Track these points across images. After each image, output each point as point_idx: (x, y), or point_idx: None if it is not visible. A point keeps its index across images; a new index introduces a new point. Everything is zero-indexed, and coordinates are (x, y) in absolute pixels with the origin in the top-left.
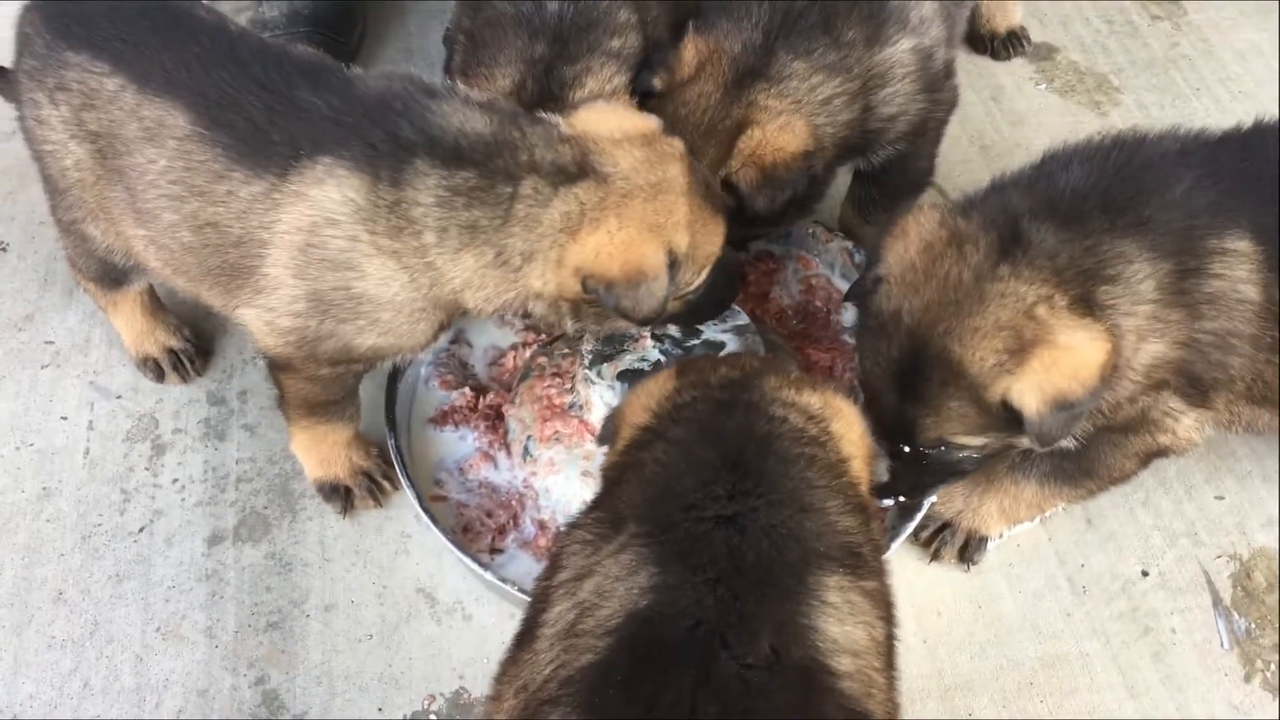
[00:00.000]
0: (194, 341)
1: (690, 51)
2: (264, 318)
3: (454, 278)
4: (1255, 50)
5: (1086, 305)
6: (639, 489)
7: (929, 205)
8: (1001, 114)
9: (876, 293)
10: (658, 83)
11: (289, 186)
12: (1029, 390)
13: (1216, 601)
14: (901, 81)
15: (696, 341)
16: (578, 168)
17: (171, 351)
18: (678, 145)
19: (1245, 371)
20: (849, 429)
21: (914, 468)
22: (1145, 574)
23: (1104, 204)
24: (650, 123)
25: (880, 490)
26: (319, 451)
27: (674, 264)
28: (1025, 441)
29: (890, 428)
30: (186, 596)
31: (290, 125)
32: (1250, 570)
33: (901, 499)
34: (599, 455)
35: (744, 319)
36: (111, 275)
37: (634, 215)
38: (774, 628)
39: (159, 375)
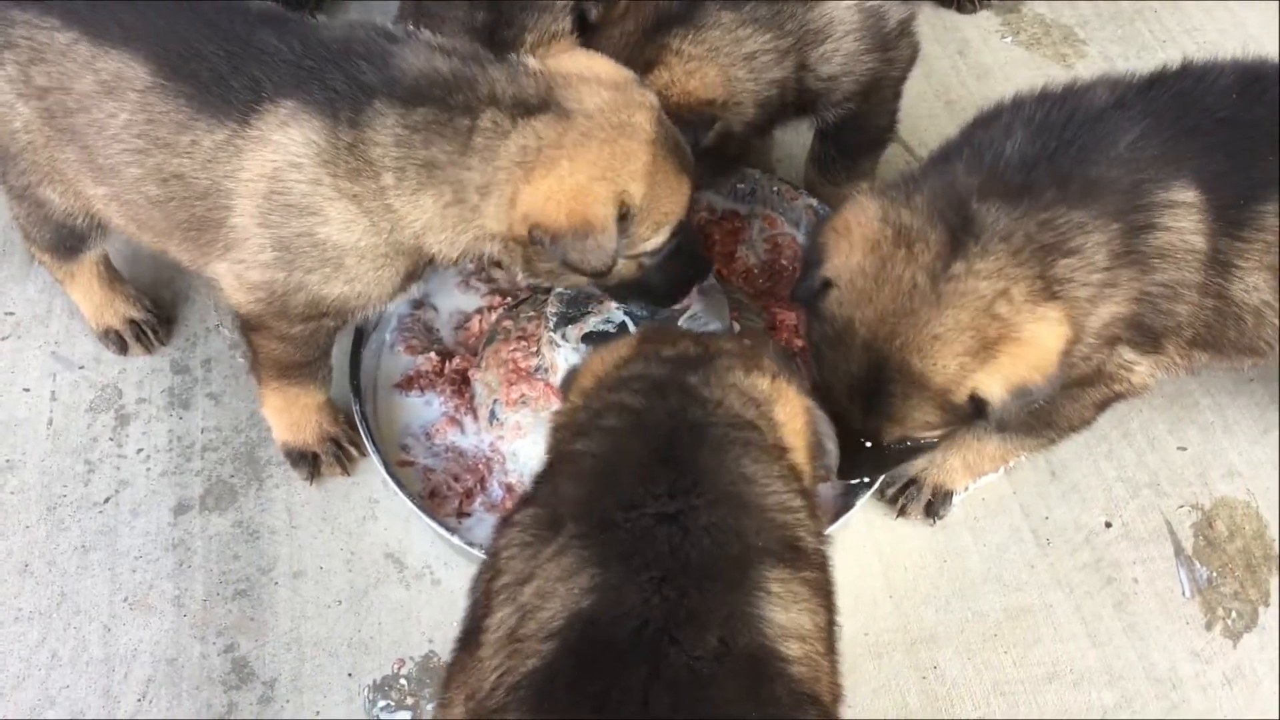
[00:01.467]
0: (155, 311)
1: None
2: (234, 271)
3: (414, 220)
4: (1219, 1)
5: (1045, 283)
6: (576, 484)
7: (867, 195)
8: (967, 68)
9: (827, 298)
10: (593, 15)
11: (252, 132)
12: (996, 384)
13: (1178, 551)
14: (843, 39)
15: None
16: (540, 101)
17: (133, 322)
18: (650, 96)
19: (1193, 318)
20: (792, 418)
21: (875, 454)
22: (1108, 525)
23: (1052, 171)
24: (625, 72)
25: (841, 472)
26: (289, 415)
27: (625, 216)
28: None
29: (852, 432)
30: (154, 566)
31: (252, 70)
32: (1212, 520)
33: (864, 480)
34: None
35: (710, 279)
36: (67, 243)
37: (589, 159)
38: (721, 620)
39: (122, 347)
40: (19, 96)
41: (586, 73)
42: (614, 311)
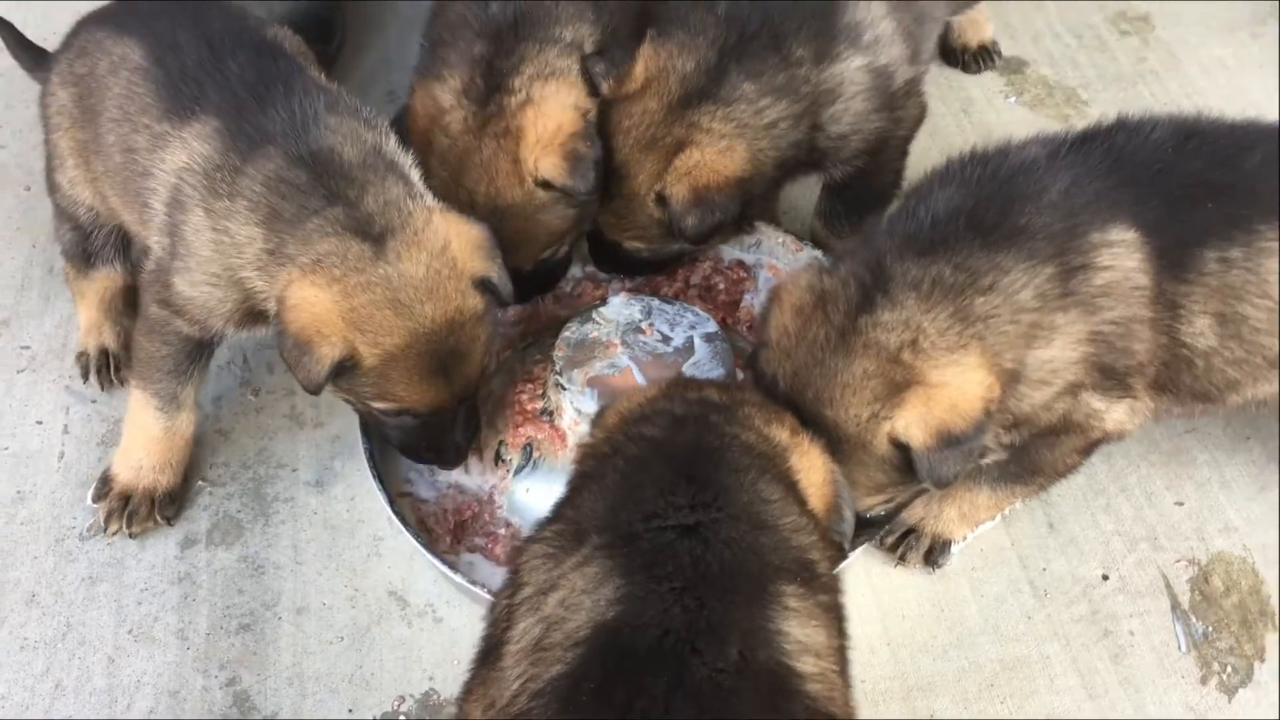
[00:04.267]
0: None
1: (641, 66)
2: (152, 243)
3: (243, 250)
4: (1220, 65)
5: (962, 325)
6: (599, 499)
7: (805, 266)
8: (972, 126)
9: (759, 359)
10: (605, 89)
11: (181, 133)
12: (913, 424)
13: (1175, 605)
14: (852, 99)
15: (667, 349)
16: (377, 233)
17: (104, 352)
18: (470, 304)
19: (1151, 356)
20: (810, 471)
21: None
22: (1105, 578)
23: (972, 223)
24: (479, 271)
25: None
26: (132, 433)
27: (351, 366)
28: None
29: None
30: (159, 599)
31: (207, 82)
32: (1208, 575)
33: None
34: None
35: (713, 326)
36: (83, 248)
37: (354, 301)
38: (741, 633)
39: (84, 374)
40: (62, 85)
41: (445, 242)
42: (619, 356)
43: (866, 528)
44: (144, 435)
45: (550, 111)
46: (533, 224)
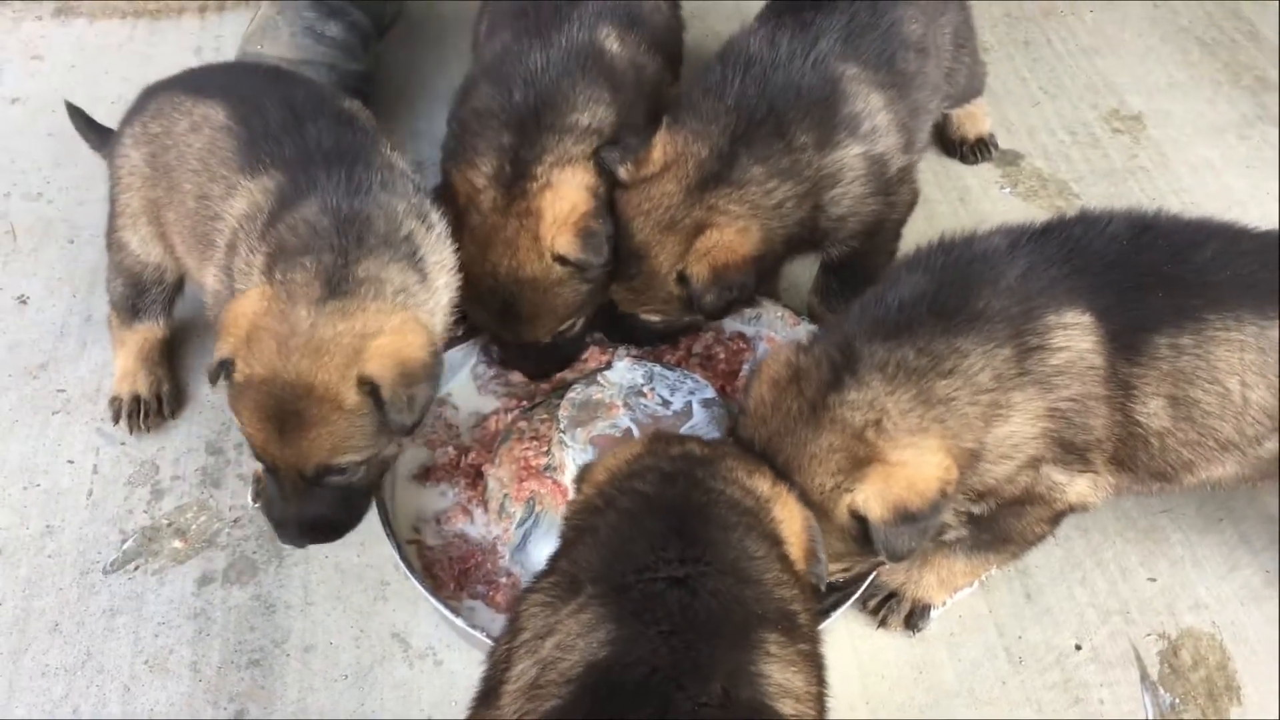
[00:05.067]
0: (162, 400)
1: (659, 151)
2: (209, 278)
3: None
4: (1208, 165)
5: (925, 406)
6: (593, 553)
7: (784, 344)
8: (967, 214)
9: (739, 425)
10: (623, 174)
11: (248, 184)
12: (872, 498)
13: (1144, 676)
14: (851, 184)
15: (667, 413)
16: (335, 290)
17: (136, 399)
18: (348, 394)
19: (1108, 432)
20: (790, 519)
21: None
22: (1078, 648)
23: (933, 309)
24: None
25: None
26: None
27: (228, 365)
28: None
29: None
30: (175, 632)
31: (283, 144)
32: (1178, 649)
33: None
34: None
35: (711, 393)
36: (130, 300)
37: (265, 316)
38: (725, 673)
39: (115, 418)
40: (134, 145)
41: (374, 332)
42: (621, 417)
43: (833, 592)
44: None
45: (566, 194)
46: (550, 296)
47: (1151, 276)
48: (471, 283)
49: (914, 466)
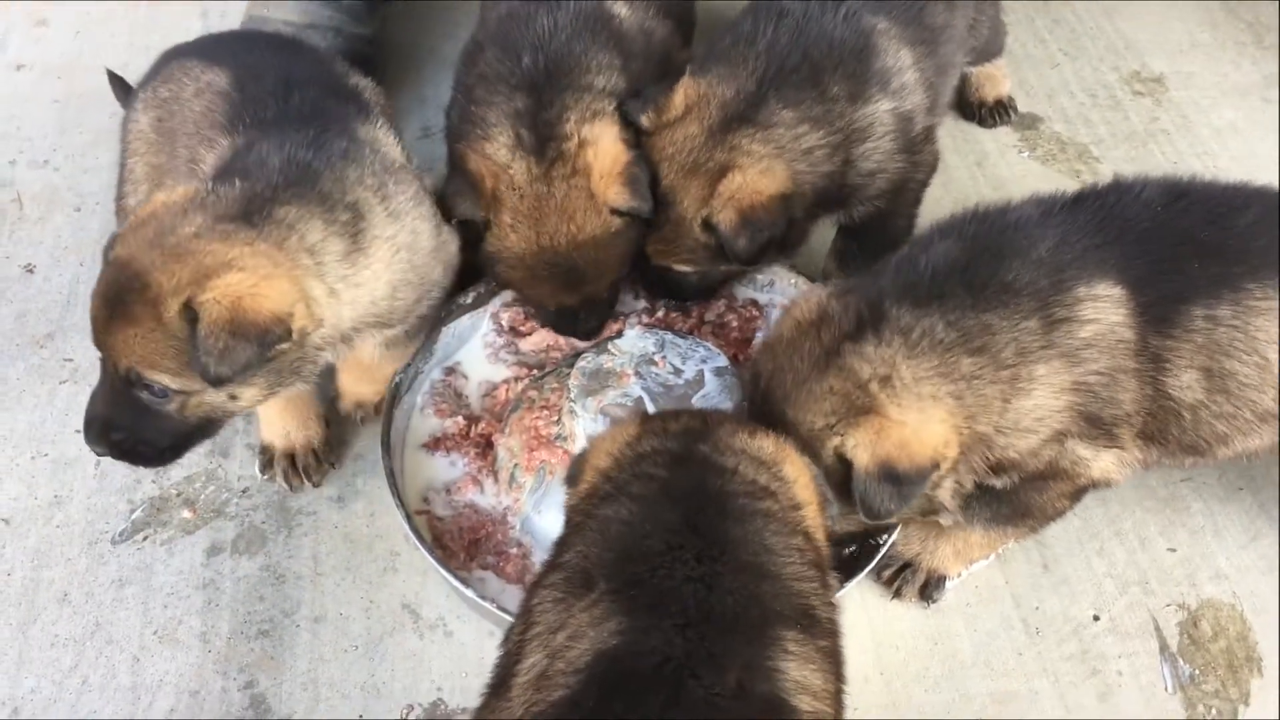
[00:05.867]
0: None
1: (680, 96)
2: None
3: None
4: (1231, 128)
5: (943, 379)
6: (606, 547)
7: (820, 285)
8: (985, 178)
9: (757, 355)
10: (645, 121)
11: (223, 141)
12: (862, 445)
13: (1163, 648)
14: (881, 139)
15: (678, 381)
16: (262, 226)
17: None
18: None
19: (1137, 406)
20: (800, 474)
21: None
22: (1096, 618)
23: (965, 280)
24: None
25: (837, 541)
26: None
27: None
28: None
29: None
30: (184, 603)
31: (265, 107)
32: (1197, 619)
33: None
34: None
35: (724, 361)
36: None
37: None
38: (740, 665)
39: None
40: (144, 110)
41: (168, 239)
42: (632, 386)
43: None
44: (273, 405)
45: (606, 147)
46: (608, 251)
47: (1188, 245)
48: (527, 264)
49: (912, 429)
